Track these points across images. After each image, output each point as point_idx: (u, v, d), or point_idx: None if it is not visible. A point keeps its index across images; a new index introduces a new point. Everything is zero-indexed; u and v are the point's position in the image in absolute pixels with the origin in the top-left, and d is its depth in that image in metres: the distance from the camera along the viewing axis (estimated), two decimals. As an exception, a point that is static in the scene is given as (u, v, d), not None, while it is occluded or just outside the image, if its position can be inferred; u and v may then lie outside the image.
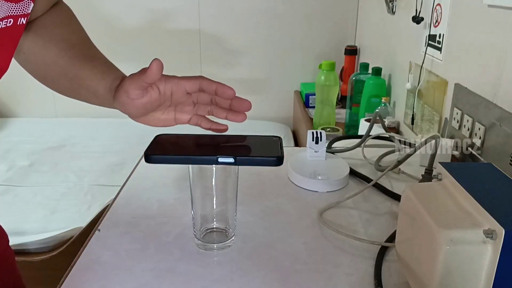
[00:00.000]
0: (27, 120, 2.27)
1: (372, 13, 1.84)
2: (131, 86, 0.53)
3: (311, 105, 1.93)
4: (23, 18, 0.49)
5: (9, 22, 0.48)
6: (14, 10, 0.47)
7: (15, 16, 0.48)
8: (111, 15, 2.12)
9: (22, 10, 0.49)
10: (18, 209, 1.48)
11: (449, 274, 0.40)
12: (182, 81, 0.56)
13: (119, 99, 0.55)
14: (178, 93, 0.57)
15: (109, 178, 1.69)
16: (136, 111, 0.56)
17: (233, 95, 0.56)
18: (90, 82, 0.58)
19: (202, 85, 0.56)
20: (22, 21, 0.49)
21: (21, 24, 0.50)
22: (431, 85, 1.14)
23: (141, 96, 0.54)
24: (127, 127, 2.15)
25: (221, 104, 0.58)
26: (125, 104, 0.55)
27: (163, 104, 0.58)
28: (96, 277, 0.52)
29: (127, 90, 0.53)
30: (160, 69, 0.51)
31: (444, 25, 1.06)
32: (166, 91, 0.56)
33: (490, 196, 0.43)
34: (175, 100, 0.58)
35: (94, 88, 0.58)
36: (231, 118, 0.58)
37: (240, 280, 0.52)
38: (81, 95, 0.61)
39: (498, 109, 0.76)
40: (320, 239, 0.60)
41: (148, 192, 0.72)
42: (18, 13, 0.48)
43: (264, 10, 2.11)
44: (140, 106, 0.55)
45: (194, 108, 0.59)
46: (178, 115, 0.59)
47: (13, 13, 0.47)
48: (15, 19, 0.48)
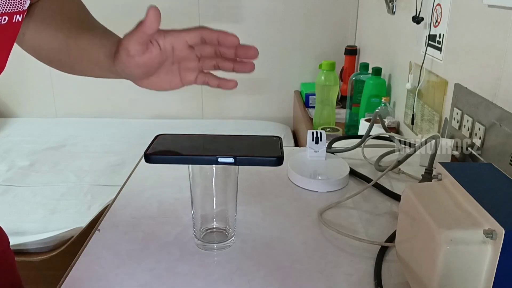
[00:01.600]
0: (27, 120, 2.27)
1: (372, 13, 1.84)
2: (130, 42, 0.50)
3: (311, 105, 1.93)
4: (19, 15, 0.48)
5: (4, 20, 0.46)
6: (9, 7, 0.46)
7: (10, 13, 0.46)
8: (111, 18, 2.12)
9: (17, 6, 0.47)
10: (18, 209, 1.48)
11: (449, 274, 0.40)
12: (182, 33, 0.53)
13: (119, 59, 0.52)
14: (179, 47, 0.53)
15: (109, 178, 1.69)
16: (138, 70, 0.53)
17: (236, 42, 0.53)
18: (90, 51, 0.56)
19: (203, 35, 0.53)
20: (18, 18, 0.48)
21: (17, 21, 0.48)
22: (431, 85, 1.14)
23: (141, 52, 0.51)
24: (127, 127, 2.15)
25: (226, 55, 0.54)
26: (126, 64, 0.52)
27: (165, 61, 0.55)
28: (96, 277, 0.52)
29: (127, 47, 0.50)
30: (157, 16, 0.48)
31: (444, 25, 1.06)
32: (167, 45, 0.52)
33: (490, 196, 0.43)
34: (177, 55, 0.54)
35: (94, 57, 0.56)
36: (238, 69, 0.55)
37: (240, 280, 0.52)
38: (82, 68, 0.59)
39: (498, 109, 0.76)
40: (320, 239, 0.60)
41: (148, 192, 0.72)
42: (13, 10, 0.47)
43: (264, 10, 2.11)
44: (141, 64, 0.52)
45: (199, 63, 0.56)
46: (183, 74, 0.56)
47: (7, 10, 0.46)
48: (10, 17, 0.47)
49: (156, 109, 2.29)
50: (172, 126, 2.17)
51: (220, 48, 0.54)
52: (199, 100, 2.28)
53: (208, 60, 0.56)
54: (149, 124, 2.17)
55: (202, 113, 2.31)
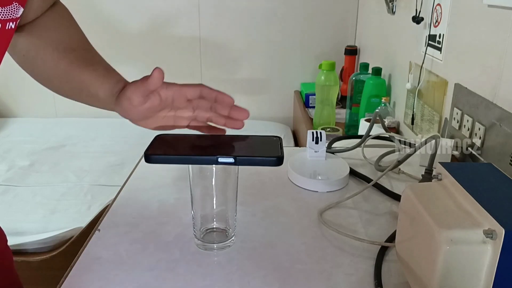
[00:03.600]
0: (27, 120, 2.27)
1: (372, 13, 1.84)
2: (133, 94, 0.54)
3: (311, 105, 1.93)
4: (12, 23, 0.49)
5: None
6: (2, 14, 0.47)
7: (3, 20, 0.48)
8: (112, 20, 2.12)
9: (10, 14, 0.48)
10: (18, 209, 1.48)
11: (449, 274, 0.40)
12: (183, 88, 0.57)
13: (121, 105, 0.56)
14: (179, 99, 0.58)
15: (109, 178, 1.68)
16: (137, 116, 0.58)
17: (232, 103, 0.58)
18: (91, 86, 0.59)
19: (202, 92, 0.58)
20: (11, 25, 0.49)
21: (10, 28, 0.49)
22: (431, 85, 1.14)
23: (143, 102, 0.55)
24: (127, 127, 2.14)
25: (220, 112, 0.59)
26: (128, 110, 0.57)
27: (163, 109, 0.59)
28: (96, 277, 0.52)
29: (130, 97, 0.55)
30: (161, 77, 0.52)
31: (444, 25, 1.06)
32: (168, 97, 0.57)
33: (490, 196, 0.43)
34: (175, 106, 0.59)
35: (95, 92, 0.59)
36: (229, 125, 0.59)
37: (240, 280, 0.52)
38: (81, 98, 0.62)
39: (498, 109, 0.76)
40: (320, 239, 0.60)
41: (148, 192, 0.72)
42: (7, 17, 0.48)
43: (264, 11, 2.11)
44: (141, 112, 0.56)
45: (194, 113, 0.60)
46: (177, 121, 0.60)
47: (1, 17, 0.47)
48: (3, 24, 0.48)
49: (156, 109, 2.28)
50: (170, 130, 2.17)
51: (216, 106, 0.59)
52: (199, 100, 2.28)
53: (202, 112, 0.60)
54: (149, 124, 2.16)
55: (202, 113, 2.31)
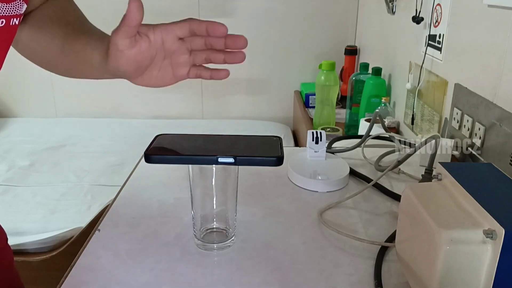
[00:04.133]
0: (27, 120, 2.27)
1: (372, 13, 1.84)
2: (117, 36, 0.51)
3: (311, 105, 1.93)
4: (16, 19, 0.49)
5: (1, 23, 0.47)
6: (6, 11, 0.47)
7: (7, 16, 0.48)
8: (112, 19, 2.12)
9: (14, 10, 0.48)
10: (18, 209, 1.48)
11: (449, 274, 0.40)
12: (170, 26, 0.54)
13: (110, 56, 0.53)
14: (169, 40, 0.54)
15: (109, 178, 1.69)
16: (129, 66, 0.54)
17: (225, 32, 0.54)
18: (85, 52, 0.57)
19: (192, 26, 0.54)
20: (15, 21, 0.49)
21: (14, 24, 0.49)
22: (431, 85, 1.14)
23: (130, 46, 0.51)
24: (127, 127, 2.15)
25: (216, 46, 0.55)
26: (117, 59, 0.53)
27: (156, 56, 0.55)
28: (96, 277, 0.52)
29: (115, 42, 0.51)
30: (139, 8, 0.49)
31: (444, 25, 1.06)
32: (156, 38, 0.53)
33: (490, 196, 0.42)
34: (167, 48, 0.55)
35: (90, 58, 0.56)
36: (229, 60, 0.56)
37: (240, 280, 0.52)
38: (78, 70, 0.59)
39: (498, 109, 0.76)
40: (320, 239, 0.60)
41: (148, 192, 0.72)
42: (11, 13, 0.48)
43: (264, 11, 2.11)
44: (131, 58, 0.53)
45: (190, 57, 0.57)
46: (176, 69, 0.57)
47: (5, 13, 0.47)
48: (7, 20, 0.48)
49: (156, 109, 2.29)
50: (172, 126, 2.17)
51: (209, 39, 0.55)
52: (199, 100, 2.28)
53: (199, 53, 0.57)
54: (149, 124, 2.17)
55: (202, 113, 2.31)
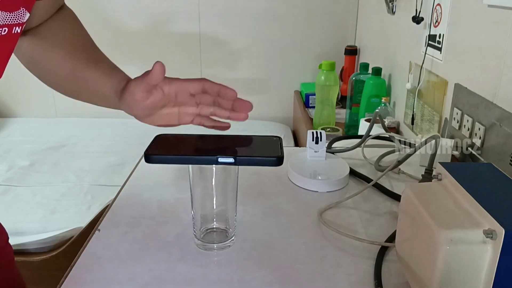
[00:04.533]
0: (27, 120, 2.27)
1: (372, 13, 1.84)
2: (136, 89, 0.55)
3: (311, 105, 1.93)
4: (18, 27, 0.50)
5: (4, 31, 0.48)
6: (9, 19, 0.48)
7: (9, 25, 0.49)
8: (113, 18, 2.12)
9: (17, 19, 0.49)
10: (18, 209, 1.48)
11: (449, 274, 0.40)
12: (185, 83, 0.58)
13: (125, 101, 0.57)
14: (181, 94, 0.58)
15: (109, 178, 1.68)
16: (141, 112, 0.59)
17: (235, 96, 0.59)
18: (96, 84, 0.60)
19: (205, 86, 0.59)
20: (17, 30, 0.50)
21: (16, 33, 0.50)
22: (431, 85, 1.14)
23: (146, 97, 0.56)
24: (127, 127, 2.15)
25: (224, 105, 0.60)
26: (131, 106, 0.57)
27: (167, 105, 0.59)
28: (96, 277, 0.52)
29: (133, 92, 0.56)
30: (162, 71, 0.53)
31: (444, 25, 1.06)
32: (170, 92, 0.57)
33: (490, 196, 0.42)
34: (179, 101, 0.59)
35: (100, 90, 0.60)
36: (233, 117, 0.60)
37: (240, 280, 0.52)
38: (86, 97, 0.63)
39: (498, 109, 0.76)
40: (320, 239, 0.60)
41: (148, 192, 0.72)
42: (13, 22, 0.49)
43: (264, 10, 2.11)
44: (145, 107, 0.57)
45: (197, 109, 0.61)
46: (182, 116, 0.61)
47: (8, 22, 0.48)
48: (10, 28, 0.49)
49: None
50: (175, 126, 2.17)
51: (219, 99, 0.59)
52: (199, 100, 2.28)
53: (206, 107, 0.61)
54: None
55: (202, 113, 2.31)
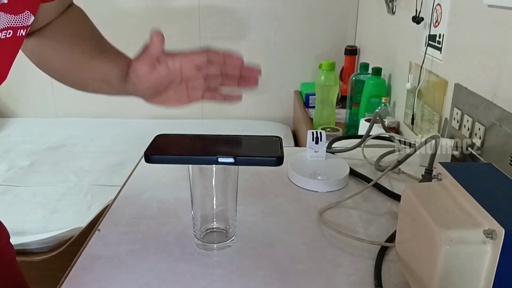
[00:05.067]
0: (27, 120, 2.27)
1: (372, 13, 1.84)
2: (138, 64, 0.54)
3: (311, 105, 1.93)
4: (23, 30, 0.50)
5: (9, 34, 0.48)
6: (14, 22, 0.48)
7: (14, 27, 0.49)
8: (111, 17, 2.12)
9: (22, 22, 0.49)
10: (18, 209, 1.48)
11: (449, 274, 0.40)
12: (190, 55, 0.56)
13: (130, 80, 0.56)
14: (186, 67, 0.56)
15: (109, 178, 1.68)
16: (147, 90, 0.57)
17: (242, 63, 0.56)
18: (103, 71, 0.59)
19: (209, 56, 0.56)
20: (22, 32, 0.50)
21: (21, 35, 0.51)
22: (431, 85, 1.14)
23: (149, 72, 0.54)
24: (127, 127, 2.15)
25: (232, 75, 0.58)
26: (137, 84, 0.56)
27: (174, 81, 0.58)
28: (96, 277, 0.52)
29: (135, 69, 0.54)
30: (160, 40, 0.52)
31: (444, 25, 1.06)
32: (175, 66, 0.56)
33: (490, 196, 0.42)
34: (185, 75, 0.57)
35: (107, 77, 0.59)
36: (243, 85, 0.58)
37: (240, 280, 0.52)
38: (95, 87, 0.62)
39: (498, 109, 0.76)
40: (320, 239, 0.60)
41: (148, 192, 0.72)
42: (18, 25, 0.49)
43: (264, 10, 2.11)
44: (150, 83, 0.56)
45: (205, 82, 0.59)
46: (191, 92, 0.59)
47: (13, 24, 0.48)
48: (14, 31, 0.49)
49: (156, 109, 2.27)
50: (172, 126, 2.17)
51: (225, 67, 0.57)
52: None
53: (214, 78, 0.59)
54: (149, 124, 2.16)
55: (202, 113, 2.31)
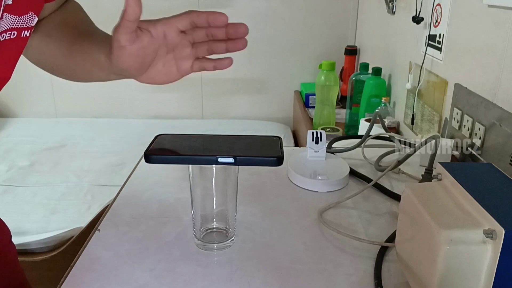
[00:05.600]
0: (27, 120, 2.27)
1: (372, 13, 1.84)
2: (118, 32, 0.51)
3: (311, 105, 1.93)
4: (27, 31, 0.50)
5: (13, 35, 0.48)
6: (18, 23, 0.48)
7: (19, 28, 0.49)
8: (110, 15, 2.12)
9: (26, 23, 0.49)
10: (18, 209, 1.48)
11: (449, 274, 0.40)
12: (172, 19, 0.54)
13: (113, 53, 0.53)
14: (170, 33, 0.54)
15: (109, 178, 1.69)
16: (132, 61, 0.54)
17: (225, 21, 0.54)
18: (91, 53, 0.57)
19: (192, 18, 0.54)
20: (26, 33, 0.50)
21: (25, 36, 0.50)
22: (431, 85, 1.14)
23: (131, 41, 0.51)
24: (127, 127, 2.15)
25: (218, 36, 0.56)
26: (119, 56, 0.53)
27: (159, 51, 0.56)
28: (96, 277, 0.52)
29: (116, 38, 0.51)
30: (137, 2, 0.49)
31: (444, 25, 1.06)
32: (158, 33, 0.54)
33: (490, 196, 0.42)
34: (169, 42, 0.55)
35: (96, 58, 0.57)
36: (232, 48, 0.56)
37: (240, 280, 0.52)
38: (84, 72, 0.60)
39: (498, 109, 0.76)
40: (320, 239, 0.60)
41: (148, 192, 0.72)
42: (22, 26, 0.49)
43: (264, 10, 2.11)
44: (134, 54, 0.53)
45: (193, 50, 0.57)
46: (179, 64, 0.57)
47: (17, 25, 0.48)
48: (19, 32, 0.49)
49: (156, 109, 2.29)
50: (172, 126, 2.17)
51: (211, 30, 0.55)
52: (199, 100, 2.28)
53: (201, 45, 0.57)
54: (149, 124, 2.17)
55: (202, 113, 2.31)
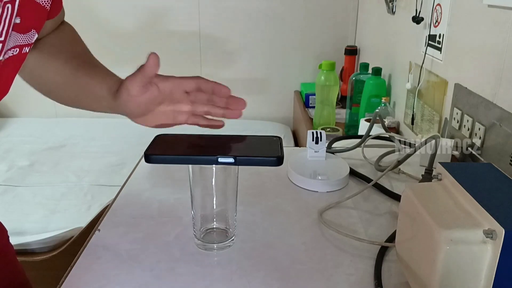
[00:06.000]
0: (27, 120, 2.26)
1: (372, 13, 1.84)
2: (131, 83, 0.56)
3: (311, 105, 1.93)
4: (27, 47, 0.52)
5: (16, 51, 0.50)
6: (20, 40, 0.50)
7: (20, 45, 0.50)
8: (110, 17, 2.12)
9: (27, 40, 0.51)
10: (18, 209, 1.48)
11: (449, 274, 0.40)
12: (180, 80, 0.58)
13: (120, 97, 0.57)
14: (177, 92, 0.59)
15: (109, 178, 1.68)
16: (137, 109, 0.58)
17: (228, 93, 0.59)
18: (93, 87, 0.60)
19: (199, 84, 0.59)
20: (26, 50, 0.52)
21: (25, 52, 0.52)
22: (431, 85, 1.14)
23: (141, 92, 0.56)
24: (127, 127, 2.14)
25: (218, 103, 0.60)
26: (127, 102, 0.57)
27: (162, 103, 0.60)
28: (96, 277, 0.52)
29: (128, 87, 0.56)
30: (157, 62, 0.54)
31: (444, 25, 1.06)
32: (166, 89, 0.58)
33: (490, 196, 0.43)
34: (174, 98, 0.60)
35: (97, 92, 0.60)
36: (228, 115, 0.60)
37: (240, 280, 0.52)
38: (84, 102, 0.63)
39: (498, 109, 0.76)
40: (320, 239, 0.60)
41: (148, 192, 0.72)
42: (24, 43, 0.51)
43: (264, 10, 2.11)
44: (141, 103, 0.57)
45: (192, 107, 0.61)
46: (176, 115, 0.61)
47: (20, 43, 0.50)
48: (20, 48, 0.51)
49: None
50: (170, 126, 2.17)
51: (213, 96, 0.60)
52: (199, 100, 2.28)
53: (200, 106, 0.61)
54: (149, 124, 2.16)
55: (202, 113, 2.31)
